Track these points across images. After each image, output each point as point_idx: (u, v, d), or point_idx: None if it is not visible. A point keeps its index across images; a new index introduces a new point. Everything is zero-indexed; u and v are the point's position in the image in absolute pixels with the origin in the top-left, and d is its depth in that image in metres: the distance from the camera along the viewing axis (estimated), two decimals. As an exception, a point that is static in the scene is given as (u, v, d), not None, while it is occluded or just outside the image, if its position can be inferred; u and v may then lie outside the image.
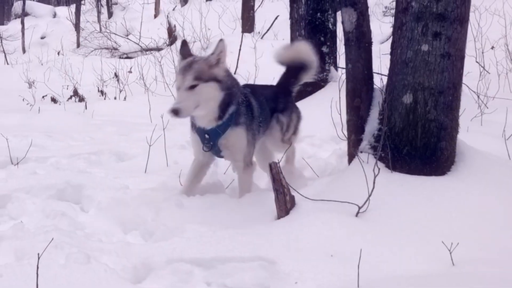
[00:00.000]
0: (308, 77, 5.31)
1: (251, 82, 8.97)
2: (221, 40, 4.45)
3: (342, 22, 4.54)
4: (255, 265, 3.39)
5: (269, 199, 4.02)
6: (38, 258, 2.86)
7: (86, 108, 10.73)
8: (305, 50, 5.23)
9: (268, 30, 15.75)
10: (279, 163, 3.94)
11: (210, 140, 4.56)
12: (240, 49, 11.70)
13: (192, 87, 4.29)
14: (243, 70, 10.83)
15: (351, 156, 4.57)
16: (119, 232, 4.26)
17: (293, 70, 5.26)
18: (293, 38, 8.43)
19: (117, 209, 4.52)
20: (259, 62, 9.98)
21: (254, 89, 4.96)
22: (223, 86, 4.41)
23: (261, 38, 14.89)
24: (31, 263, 3.20)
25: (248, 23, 16.40)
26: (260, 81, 9.07)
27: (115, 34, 20.30)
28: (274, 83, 5.34)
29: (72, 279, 3.24)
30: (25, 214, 4.48)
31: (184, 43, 4.64)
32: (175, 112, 4.24)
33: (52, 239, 3.40)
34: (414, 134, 4.20)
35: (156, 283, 3.34)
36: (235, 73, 10.51)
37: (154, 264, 3.48)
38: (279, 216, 3.92)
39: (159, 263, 3.48)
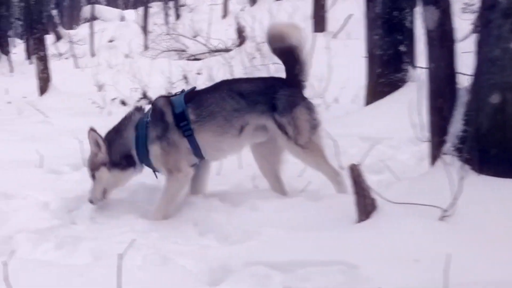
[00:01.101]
0: (301, 57, 4.76)
1: (324, 83, 8.79)
2: (89, 131, 4.79)
3: (424, 21, 4.41)
4: (335, 269, 3.27)
5: (348, 202, 3.91)
6: (121, 259, 2.85)
7: (155, 110, 10.75)
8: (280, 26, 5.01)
9: (341, 29, 15.51)
10: (359, 165, 3.84)
11: None
12: (311, 50, 11.52)
13: (93, 176, 4.78)
14: (316, 71, 10.69)
15: (434, 158, 4.41)
16: (194, 234, 4.25)
17: (288, 55, 4.76)
18: (368, 38, 8.27)
19: (190, 212, 4.52)
20: (332, 63, 9.83)
21: (216, 87, 4.89)
22: (111, 163, 4.76)
23: (334, 37, 14.66)
24: (109, 264, 3.19)
25: (320, 23, 16.20)
26: (333, 83, 8.92)
27: (183, 36, 20.41)
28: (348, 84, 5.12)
29: (151, 280, 3.26)
30: (101, 215, 4.51)
31: (92, 130, 4.78)
32: (91, 202, 4.73)
33: (133, 240, 3.40)
34: (503, 136, 4.01)
35: (233, 286, 3.27)
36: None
37: (231, 267, 3.42)
38: (360, 220, 3.81)
39: (236, 266, 3.41)
